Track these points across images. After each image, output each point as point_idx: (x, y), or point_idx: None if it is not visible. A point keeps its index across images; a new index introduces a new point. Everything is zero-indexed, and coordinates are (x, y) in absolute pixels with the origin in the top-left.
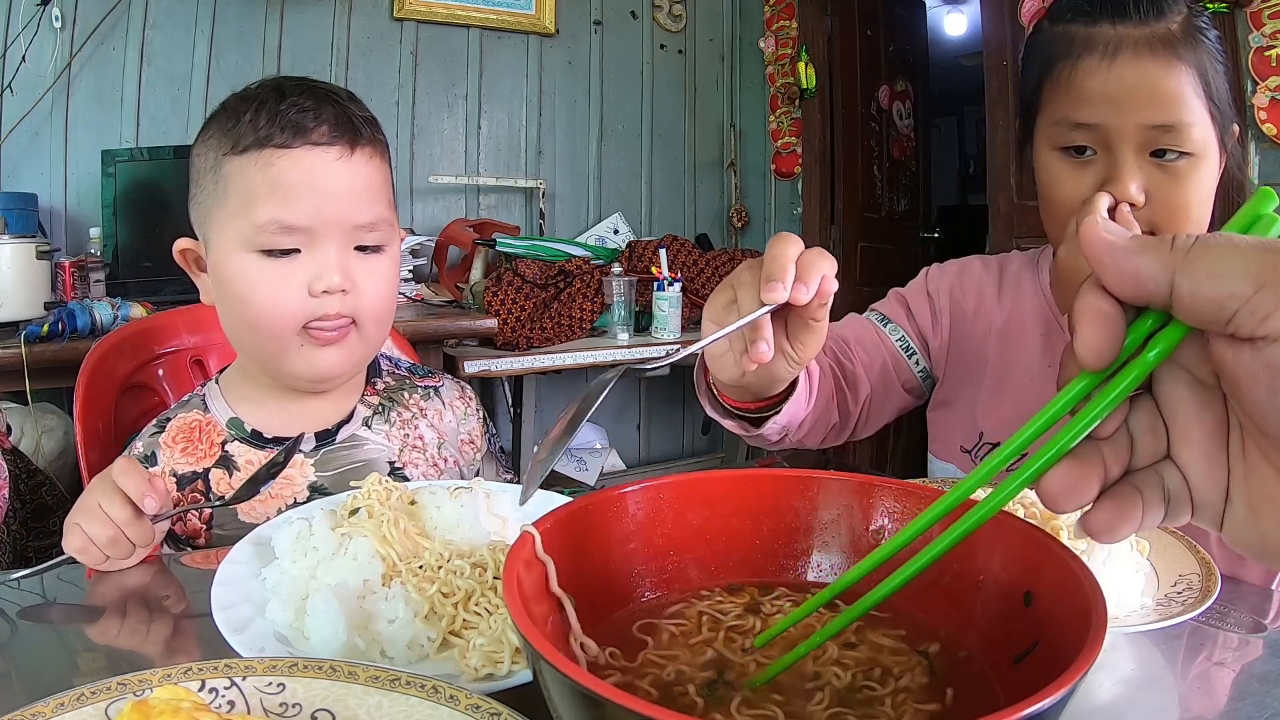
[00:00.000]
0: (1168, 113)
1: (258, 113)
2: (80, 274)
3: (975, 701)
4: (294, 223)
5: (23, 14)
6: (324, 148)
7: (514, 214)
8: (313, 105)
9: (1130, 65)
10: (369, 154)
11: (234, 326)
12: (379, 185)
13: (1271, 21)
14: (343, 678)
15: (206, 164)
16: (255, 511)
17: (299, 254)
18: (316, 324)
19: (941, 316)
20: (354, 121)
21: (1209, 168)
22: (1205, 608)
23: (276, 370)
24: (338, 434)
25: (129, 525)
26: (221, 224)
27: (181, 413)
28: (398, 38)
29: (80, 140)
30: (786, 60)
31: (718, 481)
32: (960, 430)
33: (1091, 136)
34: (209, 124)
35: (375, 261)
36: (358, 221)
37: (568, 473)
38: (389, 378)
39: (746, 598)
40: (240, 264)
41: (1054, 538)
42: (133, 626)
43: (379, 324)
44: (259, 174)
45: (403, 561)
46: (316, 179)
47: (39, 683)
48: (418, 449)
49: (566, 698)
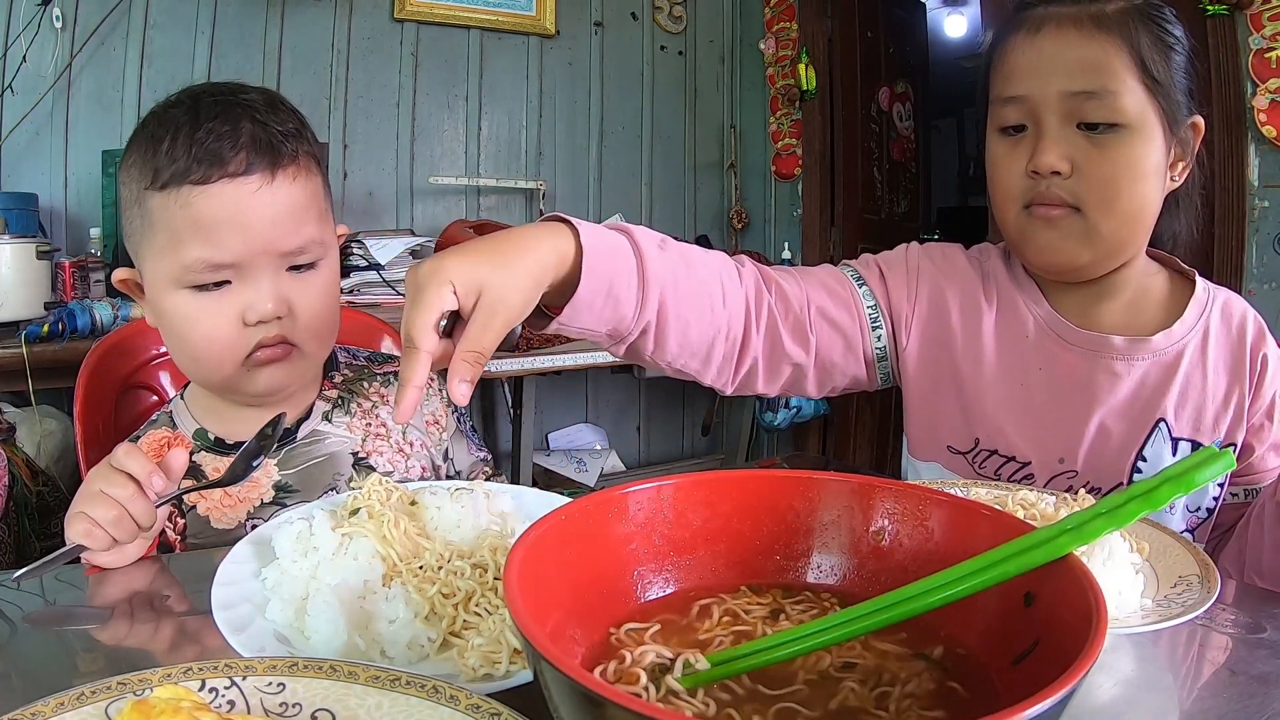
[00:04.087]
0: (1087, 79)
1: (174, 141)
2: (80, 274)
3: (975, 702)
4: (220, 260)
5: (23, 14)
6: (242, 179)
7: (514, 215)
8: (229, 130)
9: (1052, 36)
10: (291, 174)
11: (177, 357)
12: (305, 204)
13: (1271, 24)
14: (343, 678)
15: (131, 195)
16: (226, 517)
17: (230, 284)
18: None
19: (919, 301)
20: (273, 141)
21: (1143, 144)
22: (1205, 609)
23: (226, 391)
24: (297, 431)
25: (132, 502)
26: (153, 260)
27: (151, 430)
28: (398, 38)
29: (80, 140)
30: (787, 62)
31: (718, 482)
32: (948, 430)
33: (1021, 111)
34: (130, 147)
35: (310, 278)
36: (285, 248)
37: (568, 474)
38: (347, 369)
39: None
40: (174, 302)
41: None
42: (132, 626)
43: (320, 339)
44: (180, 213)
45: (403, 562)
46: (239, 213)
47: (39, 683)
48: (381, 436)
49: (566, 698)
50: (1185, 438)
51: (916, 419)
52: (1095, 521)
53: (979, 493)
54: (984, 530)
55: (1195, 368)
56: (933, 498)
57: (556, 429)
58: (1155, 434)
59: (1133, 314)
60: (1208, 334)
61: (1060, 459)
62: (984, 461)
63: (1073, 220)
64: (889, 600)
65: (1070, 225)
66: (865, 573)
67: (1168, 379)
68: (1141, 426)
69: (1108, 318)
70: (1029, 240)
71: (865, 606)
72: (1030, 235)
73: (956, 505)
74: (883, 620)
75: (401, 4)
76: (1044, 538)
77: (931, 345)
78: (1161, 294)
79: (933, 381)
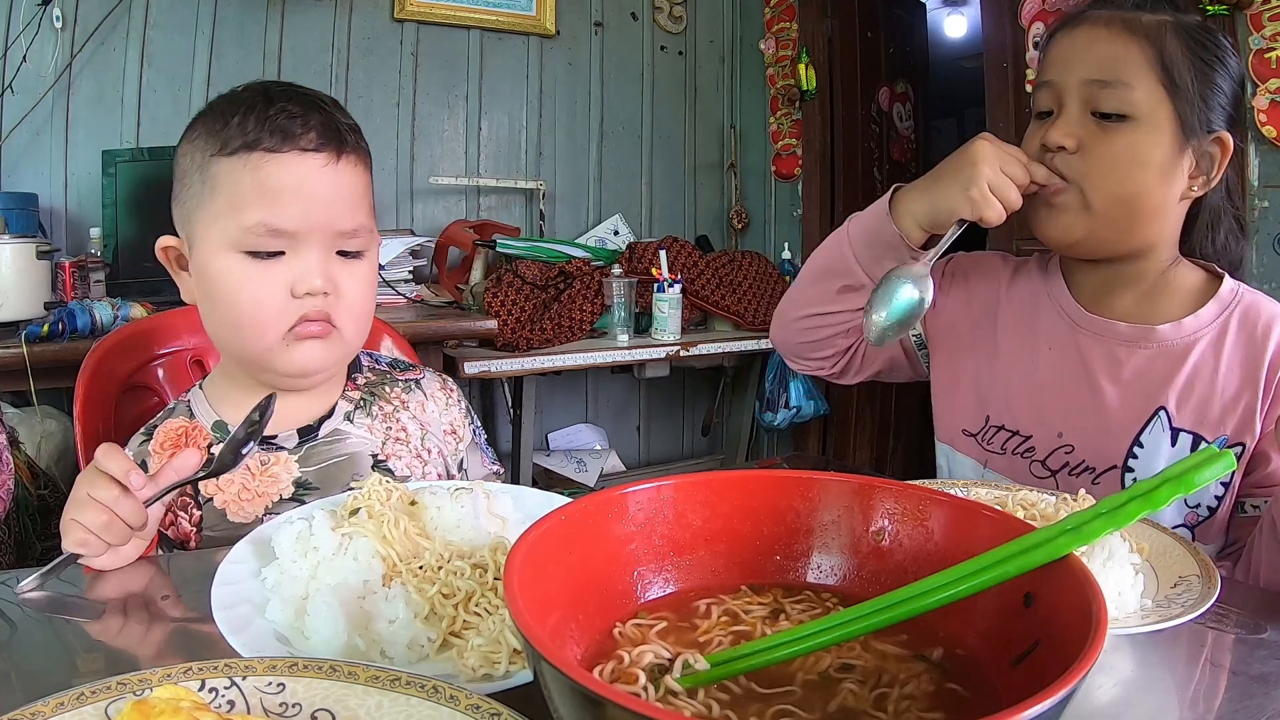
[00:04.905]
0: (1104, 69)
1: (246, 116)
2: (80, 274)
3: (975, 703)
4: (281, 226)
5: (23, 14)
6: (311, 154)
7: (514, 215)
8: (300, 111)
9: (1085, 32)
10: (353, 162)
11: (217, 325)
12: (361, 193)
13: (1271, 24)
14: (343, 678)
15: (193, 164)
16: (244, 511)
17: (283, 256)
18: (302, 323)
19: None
20: (339, 129)
21: (1150, 138)
22: (1205, 609)
23: (259, 367)
24: (320, 429)
25: (118, 504)
26: (207, 224)
27: (168, 420)
28: (398, 39)
29: (80, 140)
30: (787, 62)
31: (718, 483)
32: (962, 413)
33: (1050, 96)
34: (195, 124)
35: (356, 266)
36: (341, 228)
37: (568, 474)
38: (369, 373)
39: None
40: (225, 264)
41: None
42: (133, 626)
43: (358, 326)
44: (248, 176)
45: (403, 562)
46: (304, 184)
47: (39, 683)
48: (400, 441)
49: (566, 698)
50: (1187, 429)
51: (939, 401)
52: (1095, 522)
53: (979, 493)
54: (984, 530)
55: (1205, 363)
56: (933, 498)
57: (556, 429)
58: (1154, 422)
59: (1148, 304)
60: (1225, 332)
61: (1059, 433)
62: (991, 438)
63: (1069, 195)
64: (889, 600)
65: (1066, 199)
66: (865, 573)
67: (1173, 370)
68: (1141, 412)
69: (1120, 305)
70: (1033, 215)
71: (865, 607)
72: (1034, 210)
73: (956, 505)
74: (882, 621)
75: (401, 4)
76: (1044, 538)
77: (951, 324)
78: (1187, 291)
79: (952, 363)
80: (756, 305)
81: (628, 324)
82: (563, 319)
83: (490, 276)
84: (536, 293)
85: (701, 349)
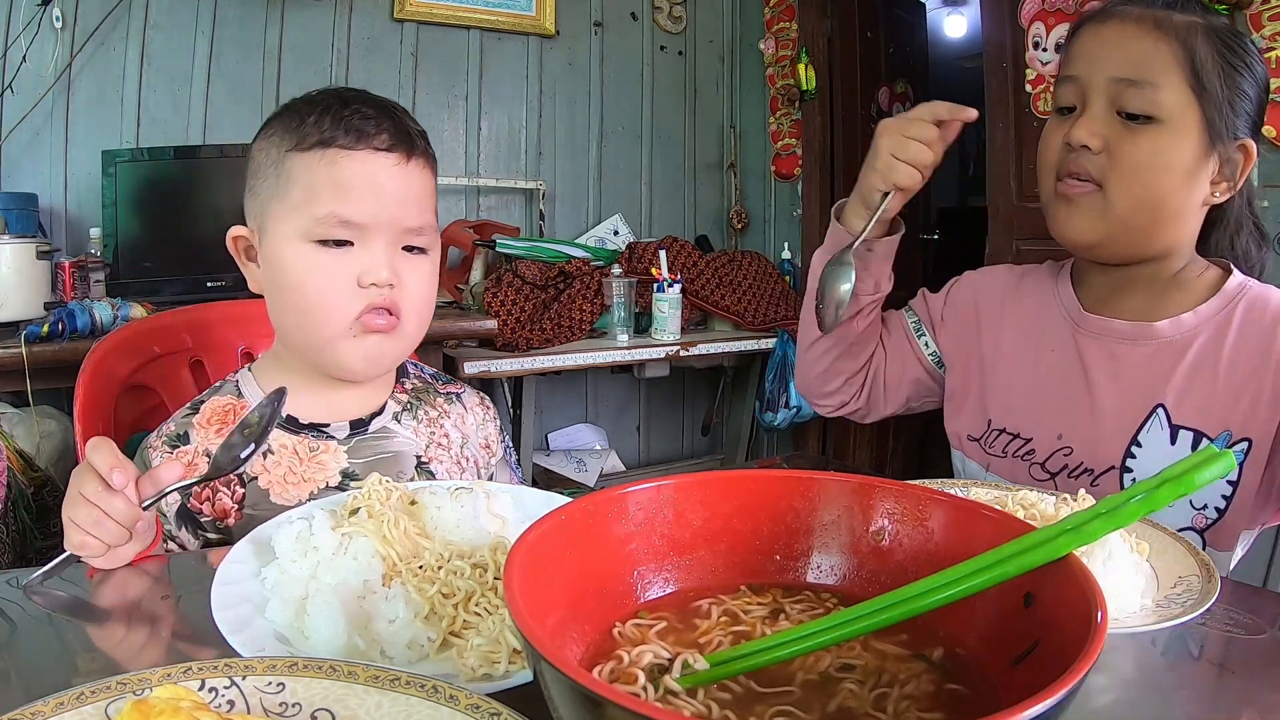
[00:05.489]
0: (1134, 68)
1: (322, 115)
2: (80, 274)
3: (975, 702)
4: (351, 218)
5: (23, 14)
6: (384, 153)
7: (514, 215)
8: (374, 114)
9: (1114, 27)
10: (422, 164)
11: (283, 313)
12: (428, 194)
13: (1271, 23)
14: (343, 678)
15: (267, 159)
16: (288, 494)
17: (351, 247)
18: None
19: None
20: (410, 133)
21: (1176, 140)
22: (1205, 609)
23: (322, 357)
24: (370, 424)
25: (103, 499)
26: (280, 215)
27: (215, 396)
28: (398, 38)
29: (80, 140)
30: (786, 62)
31: (718, 482)
32: (966, 419)
33: (1073, 91)
34: (270, 123)
35: (420, 263)
36: (408, 225)
37: (567, 474)
38: (415, 380)
39: (770, 599)
40: (295, 252)
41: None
42: (133, 626)
43: (420, 321)
44: (322, 170)
45: (403, 562)
46: (375, 180)
47: (39, 683)
48: (443, 446)
49: (566, 698)
50: (1187, 426)
51: (948, 409)
52: (1095, 522)
53: (979, 493)
54: (984, 530)
55: (1206, 356)
56: (933, 498)
57: (556, 429)
58: (1152, 420)
59: (1156, 305)
60: (1229, 324)
61: (1058, 435)
62: (993, 441)
63: (1092, 197)
64: (889, 600)
65: (1088, 201)
66: (865, 573)
67: (1172, 365)
68: (1138, 411)
69: (1128, 305)
70: (1053, 214)
71: (865, 607)
72: (1054, 209)
73: (956, 505)
74: (882, 620)
75: (401, 4)
76: (1044, 538)
77: (960, 337)
78: (1199, 291)
79: (960, 373)
80: (756, 305)
81: (628, 324)
82: (563, 319)
83: (490, 276)
84: (536, 293)
85: (701, 349)
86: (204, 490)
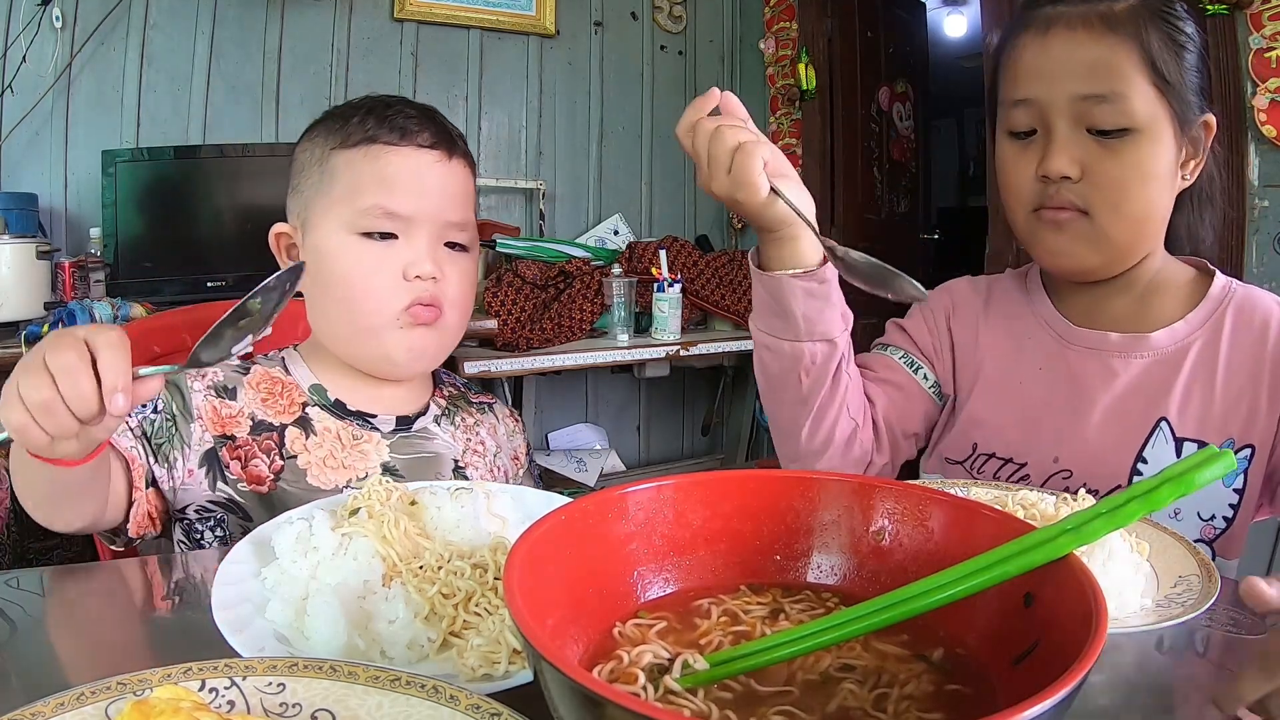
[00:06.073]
0: (1098, 82)
1: (366, 116)
2: (80, 274)
3: (975, 703)
4: (395, 209)
5: (23, 14)
6: (426, 150)
7: (514, 215)
8: (416, 114)
9: (1061, 37)
10: (463, 163)
11: (328, 307)
12: (468, 193)
13: (1271, 23)
14: (343, 678)
15: (312, 158)
16: (325, 477)
17: (396, 240)
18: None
19: (940, 334)
20: (450, 134)
21: (1154, 147)
22: (1205, 609)
23: (366, 348)
24: (414, 423)
25: (66, 375)
26: (324, 210)
27: (261, 364)
28: (398, 38)
29: (80, 140)
30: (786, 61)
31: (718, 483)
32: (945, 441)
33: (1030, 114)
34: (314, 126)
35: (461, 259)
36: (450, 219)
37: (567, 474)
38: (450, 387)
39: (770, 598)
40: (340, 244)
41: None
42: (132, 626)
43: (461, 316)
44: (367, 166)
45: (403, 562)
46: (419, 175)
47: (39, 683)
48: (478, 453)
49: (566, 698)
50: (1191, 438)
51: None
52: (1095, 521)
53: (979, 493)
54: (984, 530)
55: (1203, 365)
56: (933, 498)
57: (556, 429)
58: (1156, 434)
59: (1141, 310)
60: (1220, 330)
61: (1055, 458)
62: (981, 466)
63: (1081, 223)
64: (889, 600)
65: (1078, 228)
66: (865, 573)
67: (1170, 377)
68: (1141, 427)
69: (1113, 315)
70: (1038, 243)
71: (865, 606)
72: (1039, 238)
73: (956, 505)
74: (882, 620)
75: (401, 4)
76: (1044, 538)
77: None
78: (1178, 290)
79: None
80: None
81: (628, 324)
82: (563, 319)
83: (490, 276)
84: (536, 292)
85: (701, 349)
86: (237, 448)
